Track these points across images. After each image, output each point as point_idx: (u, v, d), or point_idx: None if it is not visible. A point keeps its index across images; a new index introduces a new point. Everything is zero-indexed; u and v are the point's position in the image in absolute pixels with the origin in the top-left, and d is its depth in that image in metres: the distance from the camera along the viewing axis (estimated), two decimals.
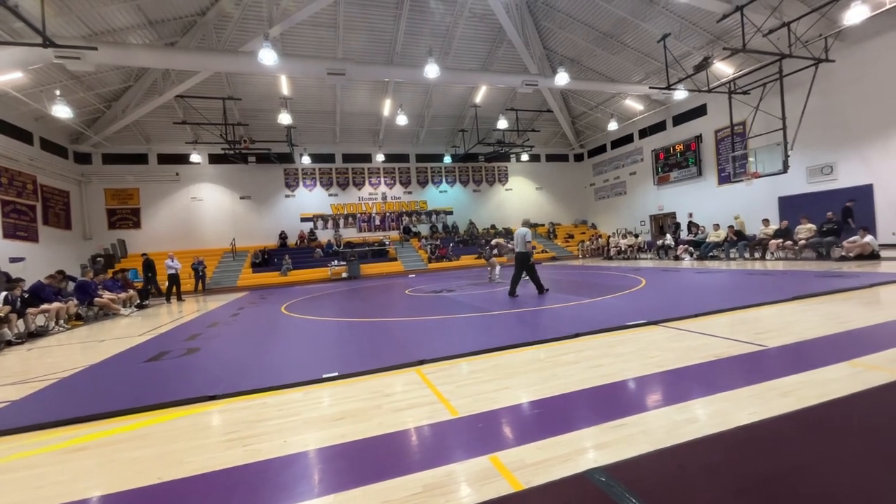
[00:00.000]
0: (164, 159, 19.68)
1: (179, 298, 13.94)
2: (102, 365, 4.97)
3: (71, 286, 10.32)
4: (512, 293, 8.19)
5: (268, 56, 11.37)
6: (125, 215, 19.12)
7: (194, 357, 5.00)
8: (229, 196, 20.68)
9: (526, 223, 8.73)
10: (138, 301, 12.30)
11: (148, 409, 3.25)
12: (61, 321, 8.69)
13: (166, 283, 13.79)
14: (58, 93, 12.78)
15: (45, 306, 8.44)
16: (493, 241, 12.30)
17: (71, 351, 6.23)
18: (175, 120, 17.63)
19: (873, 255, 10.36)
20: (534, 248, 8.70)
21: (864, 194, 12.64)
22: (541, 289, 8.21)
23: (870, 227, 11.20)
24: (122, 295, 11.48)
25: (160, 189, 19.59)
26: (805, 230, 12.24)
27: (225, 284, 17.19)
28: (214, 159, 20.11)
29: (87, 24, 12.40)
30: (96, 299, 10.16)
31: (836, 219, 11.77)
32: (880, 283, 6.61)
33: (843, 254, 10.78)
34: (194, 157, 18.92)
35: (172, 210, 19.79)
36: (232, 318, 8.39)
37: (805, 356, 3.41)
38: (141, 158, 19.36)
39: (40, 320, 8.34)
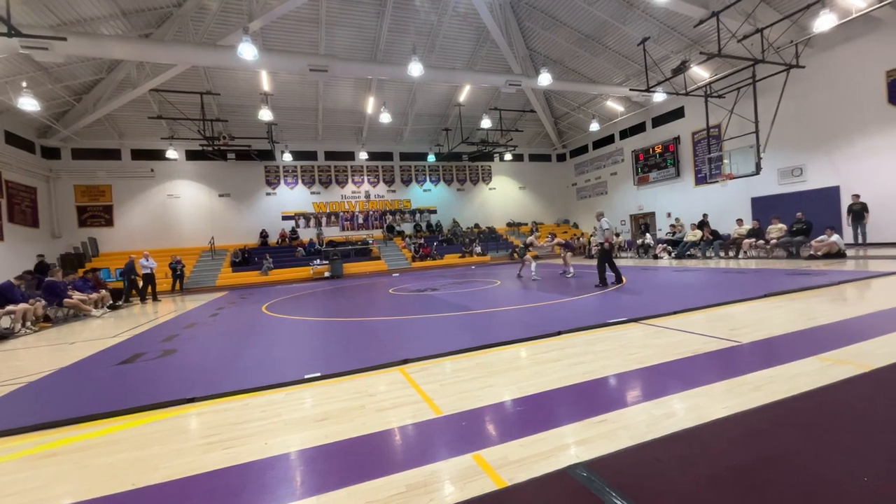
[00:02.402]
0: (139, 155, 19.03)
1: (155, 298, 13.55)
2: (72, 368, 4.79)
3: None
4: (604, 282, 8.54)
5: (247, 51, 11.12)
6: (97, 213, 18.41)
7: (171, 359, 4.86)
8: (207, 193, 20.15)
9: (601, 214, 8.99)
10: (111, 301, 11.90)
11: (122, 413, 3.15)
12: (28, 323, 8.32)
13: (141, 283, 13.37)
14: (24, 85, 12.21)
15: (10, 307, 8.07)
16: (546, 242, 12.27)
17: (39, 354, 5.98)
18: (150, 114, 17.08)
19: (840, 254, 10.82)
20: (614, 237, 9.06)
21: (831, 196, 13.18)
22: (619, 278, 8.75)
23: (836, 228, 11.68)
24: (94, 295, 11.07)
25: (134, 186, 18.94)
26: (776, 230, 12.71)
27: (203, 284, 16.78)
28: (192, 156, 19.57)
29: (55, 13, 11.87)
30: (66, 300, 9.78)
31: (805, 219, 12.25)
32: (846, 281, 6.92)
33: (812, 253, 11.23)
34: (171, 154, 18.32)
35: (147, 207, 19.17)
36: (211, 318, 8.19)
37: (776, 351, 3.54)
38: (113, 154, 18.65)
39: (6, 322, 7.97)
